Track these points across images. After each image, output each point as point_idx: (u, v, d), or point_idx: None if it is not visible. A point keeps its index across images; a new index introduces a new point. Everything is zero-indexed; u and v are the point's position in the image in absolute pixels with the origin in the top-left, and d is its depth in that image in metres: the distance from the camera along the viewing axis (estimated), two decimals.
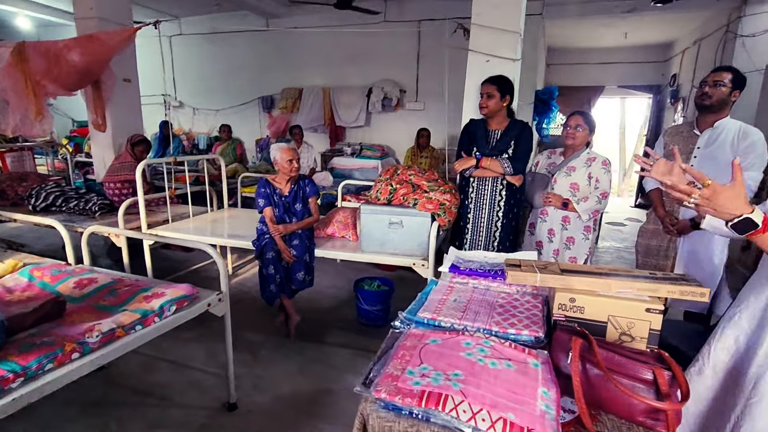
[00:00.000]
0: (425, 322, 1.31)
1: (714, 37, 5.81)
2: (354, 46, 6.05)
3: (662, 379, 0.95)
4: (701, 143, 2.35)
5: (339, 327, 3.03)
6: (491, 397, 0.92)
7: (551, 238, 2.63)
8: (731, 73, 2.27)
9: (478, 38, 2.73)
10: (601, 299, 1.24)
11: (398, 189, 2.59)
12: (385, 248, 2.62)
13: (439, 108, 5.89)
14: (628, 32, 7.18)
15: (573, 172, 2.58)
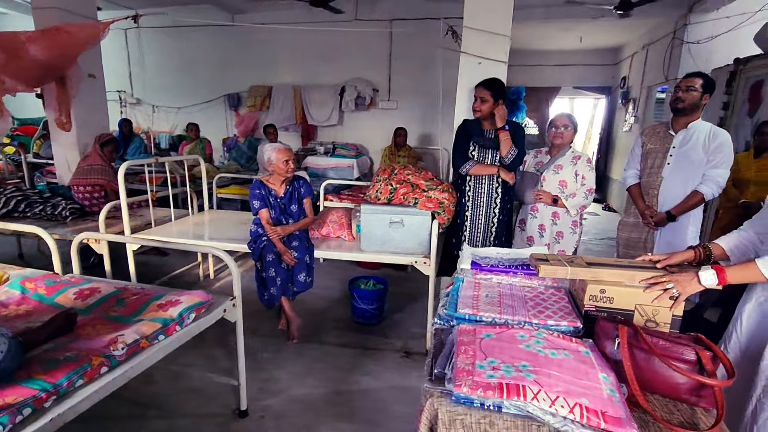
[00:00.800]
0: (467, 318, 1.36)
1: (662, 43, 6.28)
2: (325, 44, 6.01)
3: (706, 359, 1.05)
4: (676, 143, 2.56)
5: (335, 327, 3.03)
6: (563, 384, 0.98)
7: (542, 233, 2.77)
8: (702, 79, 2.49)
9: (470, 41, 2.82)
10: (628, 290, 1.35)
11: (398, 188, 2.62)
12: (386, 247, 2.65)
13: (413, 107, 6.01)
14: (583, 36, 7.60)
15: (560, 170, 2.73)
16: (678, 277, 1.30)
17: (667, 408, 1.08)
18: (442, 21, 2.92)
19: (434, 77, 5.64)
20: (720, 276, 1.26)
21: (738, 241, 1.50)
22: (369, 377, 2.46)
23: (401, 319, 3.16)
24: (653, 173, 2.64)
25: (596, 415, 0.93)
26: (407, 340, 2.85)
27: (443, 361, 1.14)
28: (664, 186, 2.60)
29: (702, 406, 1.08)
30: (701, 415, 1.05)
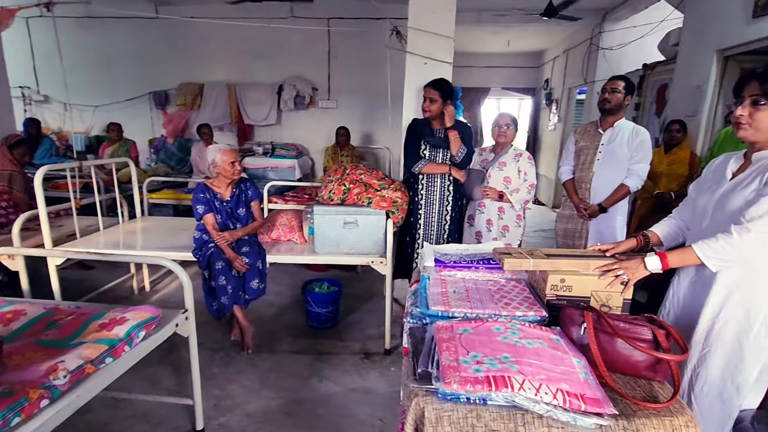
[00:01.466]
0: (440, 315, 1.38)
1: (580, 48, 6.81)
2: (261, 40, 5.79)
3: (661, 337, 1.15)
4: (605, 140, 2.79)
5: (289, 334, 2.94)
6: (544, 372, 1.03)
7: (490, 228, 2.89)
8: (624, 81, 2.73)
9: (416, 41, 2.86)
10: (584, 278, 1.44)
11: (352, 189, 2.60)
12: (340, 248, 2.61)
13: (353, 106, 5.98)
14: (510, 40, 8.03)
15: (504, 167, 2.86)
16: (627, 264, 1.41)
17: (629, 385, 1.17)
18: (387, 21, 2.94)
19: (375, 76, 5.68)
20: (663, 261, 1.39)
21: (669, 228, 1.66)
22: (328, 382, 2.41)
23: (357, 320, 3.14)
24: (585, 169, 2.86)
25: (576, 398, 0.98)
26: (365, 341, 2.83)
27: (425, 359, 1.14)
28: (595, 180, 2.81)
29: (658, 380, 1.18)
30: (658, 389, 1.15)
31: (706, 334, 1.43)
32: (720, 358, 1.40)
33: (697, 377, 1.46)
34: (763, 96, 1.29)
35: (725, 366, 1.40)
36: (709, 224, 1.46)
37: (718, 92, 3.67)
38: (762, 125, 1.32)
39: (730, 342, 1.38)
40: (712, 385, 1.42)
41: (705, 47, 3.72)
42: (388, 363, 2.57)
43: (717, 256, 1.31)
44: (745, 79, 1.37)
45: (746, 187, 1.36)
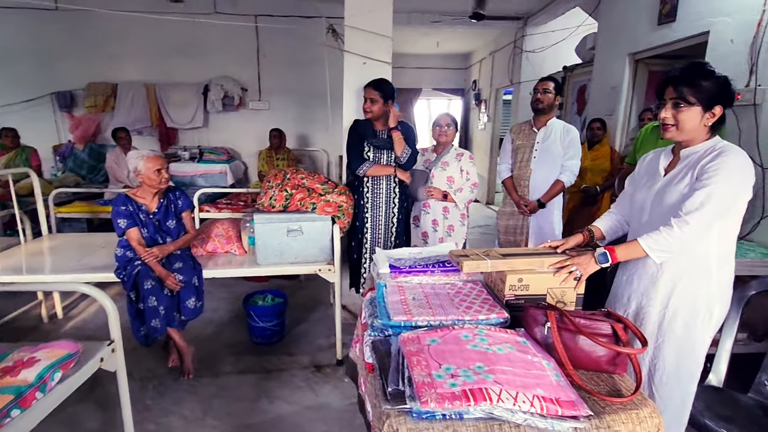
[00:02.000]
0: (402, 325, 1.31)
1: (505, 51, 7.14)
2: (182, 37, 5.38)
3: (620, 331, 1.18)
4: (539, 138, 2.90)
5: (231, 352, 2.72)
6: (518, 378, 1.00)
7: (435, 228, 2.89)
8: (553, 82, 2.86)
9: (353, 40, 2.78)
10: (540, 276, 1.46)
11: (294, 194, 2.46)
12: (285, 258, 2.46)
13: (287, 107, 5.78)
14: (440, 41, 8.22)
15: (447, 166, 2.88)
16: (579, 260, 1.45)
17: (593, 380, 1.18)
18: (323, 19, 2.82)
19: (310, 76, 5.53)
20: (612, 255, 1.43)
21: (611, 222, 1.74)
22: (279, 402, 2.26)
23: (304, 332, 2.99)
24: (523, 166, 2.96)
25: (552, 402, 0.96)
26: (315, 353, 2.70)
27: (395, 376, 1.07)
28: (532, 177, 2.92)
29: (618, 373, 1.21)
30: (619, 381, 1.18)
31: (658, 326, 1.50)
32: (673, 347, 1.47)
33: (655, 368, 1.52)
34: (680, 99, 1.38)
35: (678, 353, 1.47)
36: (649, 218, 1.54)
37: (631, 93, 4.00)
38: (685, 126, 1.41)
39: (680, 330, 1.46)
40: (670, 373, 1.48)
41: (618, 51, 4.03)
42: (341, 374, 2.47)
43: (660, 248, 1.38)
44: (664, 82, 1.45)
45: (680, 182, 1.44)
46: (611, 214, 1.77)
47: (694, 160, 1.44)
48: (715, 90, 1.34)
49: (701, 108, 1.36)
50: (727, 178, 1.31)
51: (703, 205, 1.32)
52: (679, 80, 1.37)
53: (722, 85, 1.35)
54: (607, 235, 1.73)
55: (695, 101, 1.35)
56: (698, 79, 1.35)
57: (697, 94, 1.35)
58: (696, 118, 1.38)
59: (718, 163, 1.34)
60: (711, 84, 1.34)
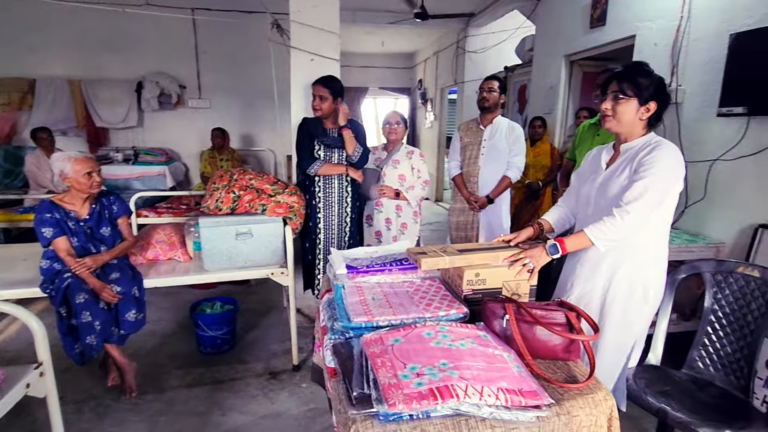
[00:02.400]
0: (363, 326, 1.29)
1: (449, 51, 7.30)
2: (111, 29, 5.00)
3: (573, 319, 1.23)
4: (486, 136, 2.98)
5: (177, 365, 2.56)
6: (483, 372, 1.01)
7: (389, 227, 2.89)
8: (498, 81, 2.95)
9: (300, 36, 2.71)
10: (495, 270, 1.49)
11: (242, 196, 2.35)
12: (234, 263, 2.35)
13: (229, 106, 5.55)
14: (385, 41, 8.26)
15: (398, 164, 2.89)
16: (531, 253, 1.49)
17: (550, 369, 1.22)
18: (268, 15, 2.72)
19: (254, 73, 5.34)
20: (561, 246, 1.50)
21: (558, 215, 1.82)
22: (233, 414, 2.15)
23: (257, 338, 2.88)
24: (471, 163, 3.03)
25: (516, 393, 0.98)
26: (269, 360, 2.60)
27: (359, 379, 1.04)
28: (481, 174, 3.00)
29: (572, 360, 1.25)
30: (574, 368, 1.23)
31: (599, 311, 1.59)
32: (613, 329, 1.57)
33: (596, 349, 1.61)
34: (620, 92, 1.48)
35: (617, 335, 1.57)
36: (594, 210, 1.63)
37: (567, 92, 4.22)
38: (622, 117, 1.51)
39: (619, 313, 1.56)
40: (609, 353, 1.58)
41: (555, 53, 4.25)
42: (298, 379, 2.40)
43: (605, 237, 1.46)
44: (609, 78, 1.55)
45: (620, 175, 1.53)
46: (559, 208, 1.85)
47: (632, 154, 1.53)
48: (650, 87, 1.45)
49: (637, 101, 1.47)
50: (661, 171, 1.41)
51: (642, 196, 1.41)
52: (621, 76, 1.48)
53: (657, 84, 1.46)
54: (555, 227, 1.81)
55: (632, 95, 1.46)
56: (637, 76, 1.46)
57: (635, 89, 1.45)
58: (632, 110, 1.49)
59: (653, 157, 1.44)
60: (648, 81, 1.45)
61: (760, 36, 2.26)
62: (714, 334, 1.74)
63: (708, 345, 1.76)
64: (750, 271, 1.66)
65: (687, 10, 2.73)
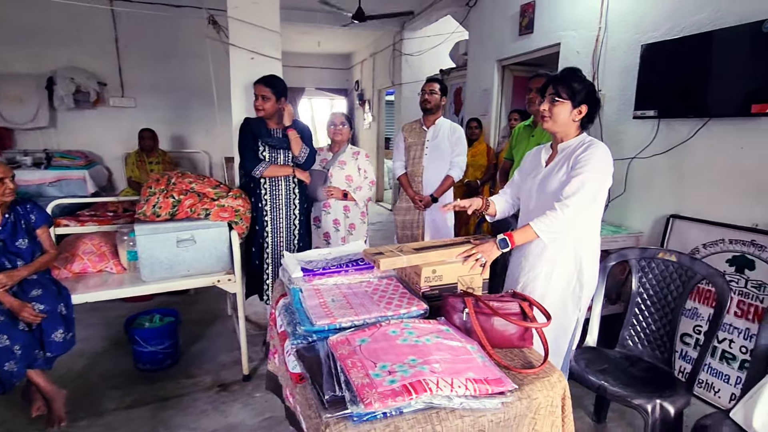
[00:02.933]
0: (327, 329, 1.28)
1: (385, 53, 7.40)
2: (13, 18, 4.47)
3: (527, 308, 1.31)
4: (429, 137, 3.07)
5: (113, 386, 2.36)
6: (451, 365, 1.04)
7: (337, 228, 2.87)
8: (438, 84, 3.04)
9: (239, 33, 2.60)
10: (450, 266, 1.54)
11: (183, 200, 2.22)
12: (175, 272, 2.21)
13: (158, 105, 5.20)
14: (321, 41, 8.18)
15: (345, 165, 2.88)
16: (482, 248, 1.57)
17: (508, 357, 1.29)
18: (204, 10, 2.58)
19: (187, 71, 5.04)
20: (511, 240, 1.59)
21: (503, 204, 1.92)
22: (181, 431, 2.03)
23: (203, 350, 2.72)
24: (416, 163, 3.10)
25: (482, 382, 1.03)
26: (218, 372, 2.48)
27: (330, 382, 1.03)
28: (425, 173, 3.08)
29: (527, 347, 1.33)
30: (529, 354, 1.31)
31: (542, 298, 1.70)
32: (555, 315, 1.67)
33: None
34: (556, 95, 1.61)
35: (559, 320, 1.69)
36: (535, 204, 1.74)
37: (500, 95, 4.46)
38: (558, 117, 1.64)
39: (560, 300, 1.68)
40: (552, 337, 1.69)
41: (487, 58, 4.46)
42: (250, 389, 2.31)
43: (548, 229, 1.57)
44: (547, 82, 1.67)
45: (558, 172, 1.66)
46: (504, 195, 1.94)
47: (568, 152, 1.66)
48: (583, 91, 1.59)
49: (571, 104, 1.60)
50: (596, 167, 1.55)
51: (579, 190, 1.54)
52: (557, 80, 1.60)
53: (589, 89, 1.60)
54: (499, 212, 1.91)
55: (567, 98, 1.59)
56: (571, 81, 1.59)
57: (569, 92, 1.59)
58: (566, 112, 1.62)
59: (588, 155, 1.57)
60: (581, 86, 1.59)
61: (666, 48, 2.54)
62: (641, 314, 1.94)
63: (636, 324, 1.95)
64: (668, 257, 1.86)
65: (604, 22, 3.00)
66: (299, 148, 2.49)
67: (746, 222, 2.24)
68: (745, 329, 2.20)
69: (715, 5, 2.33)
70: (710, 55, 2.32)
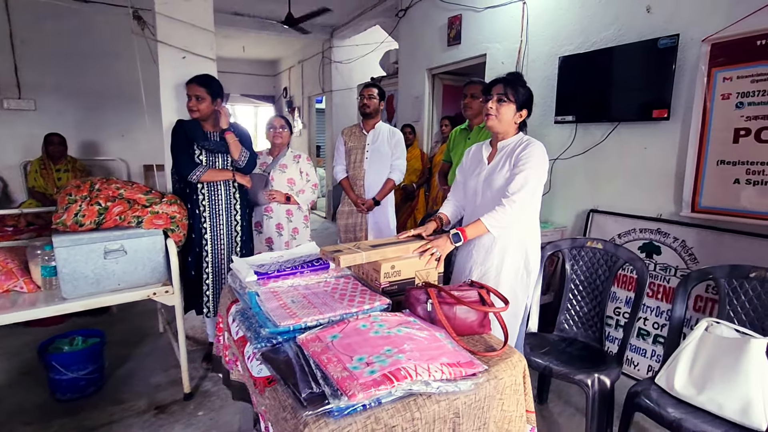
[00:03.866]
0: (292, 329, 1.24)
1: (314, 60, 7.37)
2: None
3: (485, 295, 1.38)
4: (369, 140, 3.11)
5: (26, 421, 2.05)
6: (425, 352, 1.07)
7: (280, 232, 2.80)
8: (377, 89, 3.10)
9: (168, 31, 2.45)
10: (407, 261, 1.58)
11: (111, 207, 2.02)
12: (103, 286, 2.00)
13: (60, 108, 4.71)
14: (246, 46, 7.94)
15: (286, 168, 2.83)
16: (437, 242, 1.63)
17: (470, 343, 1.34)
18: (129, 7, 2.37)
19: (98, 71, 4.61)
20: (463, 235, 1.66)
21: (452, 209, 2.00)
22: None
23: (132, 372, 2.48)
24: (357, 167, 3.12)
25: (456, 366, 1.06)
26: (153, 393, 2.26)
27: (305, 380, 1.00)
28: (366, 177, 3.11)
29: (486, 332, 1.40)
30: (488, 339, 1.37)
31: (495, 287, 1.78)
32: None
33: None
34: (504, 95, 1.72)
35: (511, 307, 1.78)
36: (481, 200, 1.84)
37: (431, 102, 4.64)
38: (503, 117, 1.75)
39: (509, 288, 1.78)
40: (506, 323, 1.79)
41: (418, 66, 4.63)
42: (192, 408, 2.15)
43: (498, 224, 1.66)
44: (493, 82, 1.78)
45: (501, 169, 1.77)
46: (450, 202, 2.03)
47: (509, 150, 1.78)
48: (525, 96, 1.72)
49: (515, 107, 1.72)
50: (536, 164, 1.68)
51: (524, 186, 1.66)
52: (506, 82, 1.71)
53: (529, 96, 1.74)
54: (451, 219, 1.99)
55: (513, 100, 1.71)
56: (518, 84, 1.71)
57: (515, 95, 1.71)
58: (511, 113, 1.74)
59: (528, 153, 1.70)
60: (524, 92, 1.72)
61: (579, 60, 2.84)
62: (574, 299, 2.12)
63: (570, 309, 2.13)
64: (596, 245, 2.06)
65: (525, 35, 3.27)
66: (239, 152, 2.39)
67: (652, 213, 2.55)
68: (656, 307, 2.49)
69: (619, 24, 2.65)
70: (616, 67, 2.63)
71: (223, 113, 2.38)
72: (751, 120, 2.05)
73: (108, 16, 3.51)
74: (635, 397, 1.63)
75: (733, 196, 2.14)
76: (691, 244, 2.36)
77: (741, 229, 2.17)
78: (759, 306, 1.65)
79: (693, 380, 1.55)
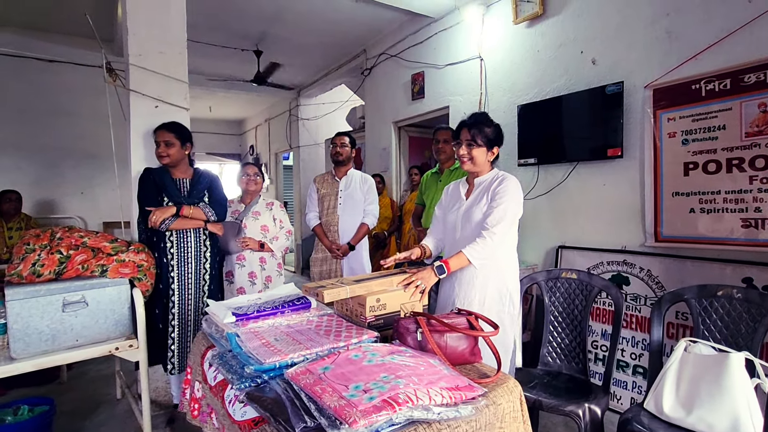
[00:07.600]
0: (277, 367, 1.17)
1: (281, 118, 7.54)
2: None
3: (474, 322, 1.36)
4: (342, 186, 3.14)
5: None
6: (423, 377, 1.02)
7: (253, 281, 2.70)
8: (348, 137, 3.20)
9: (141, 81, 2.46)
10: (392, 294, 1.56)
11: (73, 256, 1.90)
12: (59, 343, 1.83)
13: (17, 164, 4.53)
14: (212, 106, 8.07)
15: (259, 216, 2.79)
16: (421, 275, 1.62)
17: (464, 372, 1.30)
18: (102, 53, 2.38)
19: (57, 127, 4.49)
20: (447, 267, 1.66)
21: (433, 242, 2.01)
22: None
23: None
24: (330, 213, 3.12)
25: (455, 390, 1.03)
26: None
27: (299, 414, 0.93)
28: (340, 222, 3.11)
29: (477, 361, 1.37)
30: (480, 367, 1.34)
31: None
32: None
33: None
34: (472, 140, 1.80)
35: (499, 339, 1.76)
36: (461, 234, 1.87)
37: (398, 153, 4.81)
38: (477, 160, 1.83)
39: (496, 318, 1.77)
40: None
41: (384, 120, 4.83)
42: None
43: (479, 255, 1.69)
44: (460, 126, 1.87)
45: (479, 203, 1.82)
46: (431, 237, 2.05)
47: (485, 186, 1.85)
48: (493, 134, 1.80)
49: (486, 148, 1.80)
50: (512, 198, 1.74)
51: (503, 219, 1.71)
52: (470, 126, 1.79)
53: (497, 131, 1.83)
54: (433, 252, 2.00)
55: (482, 143, 1.78)
56: (483, 126, 1.79)
57: (483, 138, 1.79)
58: (483, 155, 1.82)
59: (504, 187, 1.76)
60: (491, 131, 1.80)
61: (536, 107, 3.06)
62: (555, 330, 2.12)
63: (552, 341, 2.12)
64: (570, 275, 2.11)
65: (484, 87, 3.51)
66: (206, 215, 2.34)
67: (617, 245, 2.67)
68: (631, 338, 2.54)
69: (569, 75, 2.91)
70: (570, 112, 2.85)
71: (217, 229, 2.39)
72: (698, 154, 2.25)
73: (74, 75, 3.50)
74: (627, 424, 1.60)
75: (691, 224, 2.29)
76: (657, 272, 2.46)
77: (701, 255, 2.30)
78: (730, 323, 1.72)
79: (681, 401, 1.55)
